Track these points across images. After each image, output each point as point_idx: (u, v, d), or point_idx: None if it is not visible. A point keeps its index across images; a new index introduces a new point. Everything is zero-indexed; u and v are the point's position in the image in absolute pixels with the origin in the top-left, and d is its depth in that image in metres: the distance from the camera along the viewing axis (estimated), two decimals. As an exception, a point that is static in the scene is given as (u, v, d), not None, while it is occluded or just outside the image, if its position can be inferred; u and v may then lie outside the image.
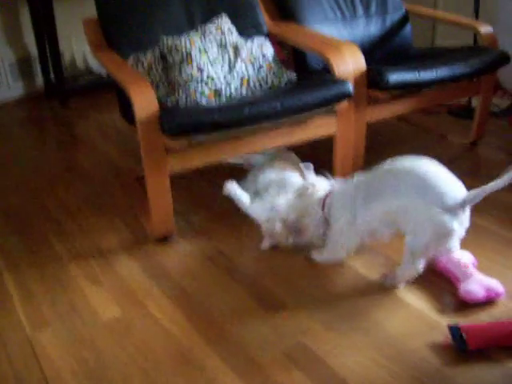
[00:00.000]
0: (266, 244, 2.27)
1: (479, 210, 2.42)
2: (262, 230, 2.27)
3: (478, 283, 1.92)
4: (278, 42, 2.94)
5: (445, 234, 1.86)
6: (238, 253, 2.27)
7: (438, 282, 2.03)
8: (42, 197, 2.77)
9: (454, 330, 1.73)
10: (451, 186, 1.87)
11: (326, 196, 2.13)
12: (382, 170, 2.02)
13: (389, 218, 1.97)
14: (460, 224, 1.86)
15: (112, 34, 2.63)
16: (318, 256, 2.18)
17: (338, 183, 2.17)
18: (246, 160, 2.63)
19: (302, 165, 2.20)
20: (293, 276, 2.11)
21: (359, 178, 2.09)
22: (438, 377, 1.64)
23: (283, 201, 2.25)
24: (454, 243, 1.93)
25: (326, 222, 2.13)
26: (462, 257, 2.04)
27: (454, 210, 1.83)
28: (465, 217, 1.87)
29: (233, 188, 2.36)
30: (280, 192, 2.30)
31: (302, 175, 2.33)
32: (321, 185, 2.18)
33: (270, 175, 2.41)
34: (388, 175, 1.98)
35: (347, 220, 2.05)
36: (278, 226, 2.19)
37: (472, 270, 1.97)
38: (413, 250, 1.92)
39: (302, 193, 2.20)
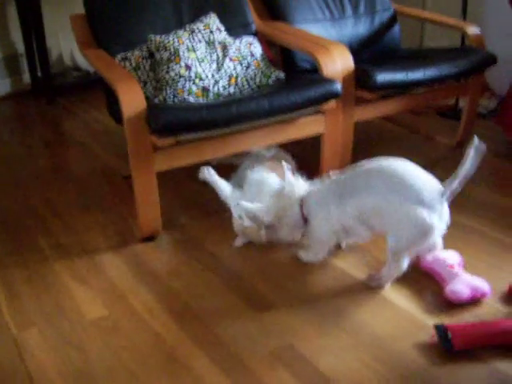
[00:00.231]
0: (238, 241, 2.28)
1: (466, 209, 2.45)
2: (234, 226, 2.27)
3: (463, 283, 1.92)
4: (266, 42, 2.94)
5: (425, 230, 1.86)
6: (226, 252, 2.26)
7: (425, 281, 2.04)
8: (28, 195, 2.75)
9: (440, 330, 1.73)
10: (426, 182, 1.88)
11: (305, 195, 2.14)
12: (357, 169, 2.03)
13: (363, 216, 1.98)
14: (440, 219, 1.87)
15: (100, 32, 2.62)
16: (303, 255, 2.18)
17: (316, 183, 2.17)
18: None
19: (283, 163, 2.19)
20: (281, 276, 2.11)
21: (335, 176, 2.10)
22: (424, 377, 1.64)
23: (259, 201, 2.24)
24: (436, 239, 1.95)
25: (305, 221, 2.13)
26: (448, 257, 2.04)
27: (432, 204, 1.84)
28: (444, 211, 1.88)
29: (209, 173, 2.35)
30: (259, 192, 2.29)
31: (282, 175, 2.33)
32: (299, 185, 2.18)
33: (256, 174, 2.39)
34: (363, 174, 1.99)
35: (324, 217, 2.06)
36: (248, 222, 2.19)
37: (458, 269, 1.98)
38: (395, 249, 1.93)
39: (280, 193, 2.19)
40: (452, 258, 2.05)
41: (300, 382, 1.64)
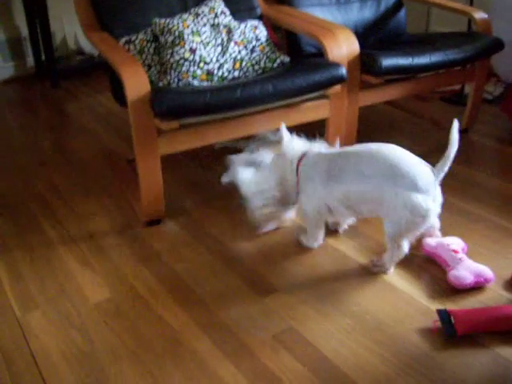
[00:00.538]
0: (265, 229, 2.28)
1: (470, 196, 2.44)
2: (256, 217, 2.27)
3: (467, 269, 1.92)
4: (271, 26, 2.92)
5: (422, 215, 1.86)
6: (230, 237, 2.26)
7: (428, 267, 2.04)
8: (32, 178, 2.75)
9: (443, 315, 1.73)
10: (419, 167, 1.87)
11: (300, 159, 2.11)
12: (348, 151, 2.02)
13: (348, 202, 1.99)
14: (434, 201, 1.87)
15: (104, 15, 2.60)
16: (304, 240, 2.19)
17: (315, 148, 2.13)
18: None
19: (282, 123, 2.16)
20: (283, 260, 2.11)
21: (331, 151, 2.08)
22: (427, 362, 1.64)
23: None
24: (433, 221, 1.95)
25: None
26: (451, 242, 2.04)
27: (426, 189, 1.84)
28: (437, 192, 1.88)
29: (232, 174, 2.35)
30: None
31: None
32: (298, 145, 2.15)
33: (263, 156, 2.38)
34: (352, 159, 1.97)
35: (311, 193, 2.06)
36: (270, 208, 2.19)
37: (462, 255, 1.98)
38: (393, 235, 1.93)
39: (279, 157, 2.17)
40: (456, 243, 2.05)
41: (302, 366, 1.64)
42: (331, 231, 2.26)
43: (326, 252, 2.15)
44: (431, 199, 1.85)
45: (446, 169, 1.87)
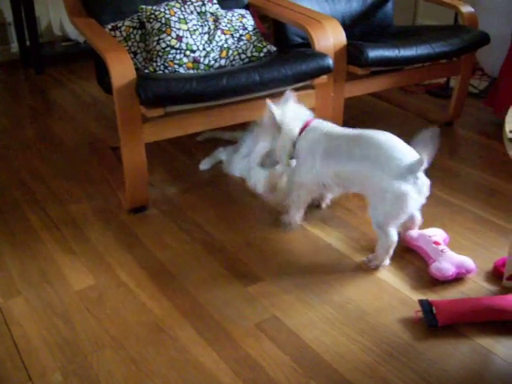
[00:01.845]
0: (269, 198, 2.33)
1: (453, 188, 2.46)
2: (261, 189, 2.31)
3: (449, 260, 1.94)
4: (258, 16, 2.91)
5: (401, 198, 1.87)
6: (214, 225, 2.26)
7: (410, 258, 2.05)
8: (15, 165, 2.73)
9: (425, 305, 1.75)
10: (405, 154, 1.89)
11: (301, 130, 2.12)
12: (344, 134, 2.05)
13: (339, 179, 2.03)
14: (417, 189, 1.87)
15: (90, 1, 2.59)
16: (285, 218, 2.22)
17: (314, 123, 2.14)
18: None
19: (287, 91, 2.15)
20: (268, 249, 2.12)
21: (329, 132, 2.09)
22: (408, 351, 1.66)
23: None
24: (415, 209, 1.97)
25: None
26: (434, 234, 2.06)
27: (405, 174, 1.85)
28: (422, 184, 1.89)
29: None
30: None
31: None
32: (300, 113, 2.16)
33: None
34: (346, 140, 2.02)
35: (309, 167, 2.08)
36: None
37: (443, 247, 2.00)
38: (377, 221, 1.95)
39: (283, 121, 2.15)
40: (438, 235, 2.06)
41: (285, 354, 1.65)
42: (316, 223, 2.26)
43: (310, 242, 2.16)
44: (413, 188, 1.86)
45: (430, 158, 1.87)
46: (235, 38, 2.51)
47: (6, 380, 1.58)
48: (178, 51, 2.37)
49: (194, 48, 2.41)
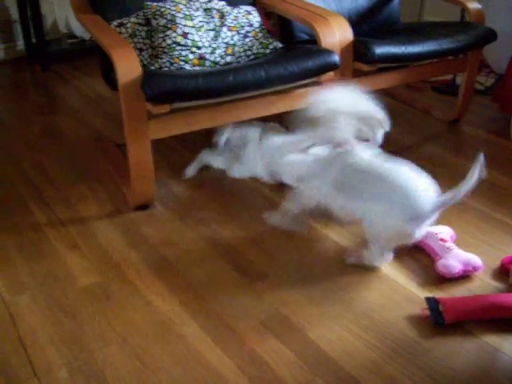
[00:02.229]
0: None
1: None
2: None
3: (455, 258, 1.93)
4: (264, 13, 2.90)
5: (405, 237, 1.87)
6: (220, 222, 2.26)
7: (417, 255, 2.05)
8: (21, 162, 2.73)
9: (432, 302, 1.74)
10: (422, 194, 1.81)
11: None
12: (362, 165, 1.94)
13: (345, 211, 1.98)
14: (422, 227, 1.85)
15: (96, -2, 2.58)
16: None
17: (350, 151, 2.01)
18: (241, 133, 2.57)
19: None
20: (273, 246, 2.11)
21: (344, 158, 1.99)
22: (414, 349, 1.65)
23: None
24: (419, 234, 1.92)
25: None
26: (440, 231, 2.05)
27: (420, 221, 1.82)
28: (430, 220, 1.86)
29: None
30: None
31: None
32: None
33: (278, 140, 2.39)
34: (364, 176, 1.91)
35: (313, 187, 2.05)
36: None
37: (450, 244, 1.99)
38: (372, 238, 1.92)
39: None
40: (445, 232, 2.05)
41: (290, 351, 1.65)
42: (321, 220, 2.26)
43: (317, 240, 2.15)
44: (421, 227, 1.84)
45: (453, 202, 1.80)
46: (241, 35, 2.51)
47: (12, 376, 1.58)
48: (184, 48, 2.37)
49: (200, 45, 2.40)
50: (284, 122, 2.27)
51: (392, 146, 2.24)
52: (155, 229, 2.22)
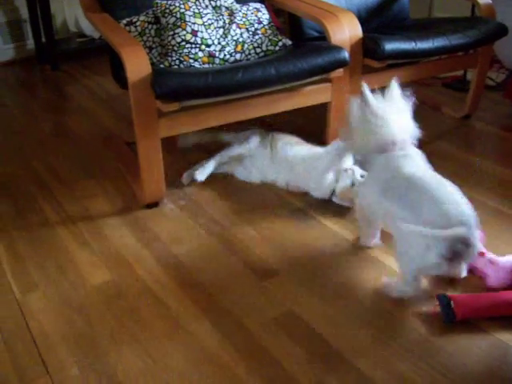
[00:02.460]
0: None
1: (471, 182, 2.44)
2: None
3: (502, 269, 1.84)
4: (273, 10, 2.90)
5: (433, 271, 1.77)
6: (230, 220, 2.26)
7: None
8: (31, 161, 2.74)
9: (443, 299, 1.73)
10: (459, 209, 1.69)
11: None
12: (409, 174, 1.81)
13: (387, 217, 1.87)
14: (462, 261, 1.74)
15: (105, -4, 2.59)
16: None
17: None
18: (229, 157, 2.57)
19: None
20: (284, 244, 2.11)
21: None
22: (425, 346, 1.64)
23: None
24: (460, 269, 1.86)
25: None
26: None
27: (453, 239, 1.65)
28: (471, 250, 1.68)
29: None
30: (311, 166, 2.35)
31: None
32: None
33: (301, 151, 2.43)
34: (410, 185, 1.78)
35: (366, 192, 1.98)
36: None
37: (491, 256, 1.89)
38: (399, 265, 1.83)
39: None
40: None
41: (302, 349, 1.64)
42: (332, 216, 2.25)
43: (327, 236, 2.15)
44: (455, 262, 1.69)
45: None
46: (250, 32, 2.50)
47: (24, 374, 1.59)
48: (194, 46, 2.37)
49: (210, 42, 2.40)
50: (340, 134, 2.24)
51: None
52: (166, 227, 2.22)
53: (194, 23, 2.39)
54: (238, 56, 2.46)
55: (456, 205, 1.69)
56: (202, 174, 2.46)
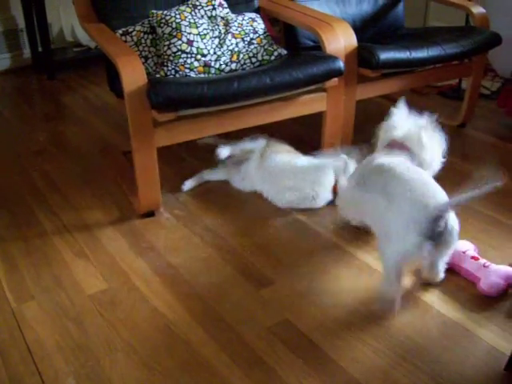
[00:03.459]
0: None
1: (466, 190, 2.44)
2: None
3: (495, 274, 1.86)
4: (269, 20, 2.91)
5: (415, 255, 1.74)
6: (226, 229, 2.26)
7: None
8: (27, 170, 2.74)
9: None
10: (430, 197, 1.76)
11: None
12: (380, 164, 1.95)
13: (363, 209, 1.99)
14: (438, 244, 1.72)
15: (101, 6, 2.59)
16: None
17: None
18: (241, 150, 2.57)
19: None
20: (279, 252, 2.11)
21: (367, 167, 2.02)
22: (422, 355, 1.65)
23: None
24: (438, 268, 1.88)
25: None
26: (467, 248, 1.98)
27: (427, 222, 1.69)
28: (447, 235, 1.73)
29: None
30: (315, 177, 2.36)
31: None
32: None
33: (283, 159, 2.43)
34: (380, 174, 1.91)
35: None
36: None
37: (484, 261, 1.91)
38: (382, 262, 1.86)
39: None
40: (470, 248, 1.99)
41: (297, 358, 1.64)
42: (329, 226, 2.26)
43: (323, 245, 2.15)
44: (429, 243, 1.70)
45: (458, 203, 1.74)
46: (246, 42, 2.52)
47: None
48: (189, 55, 2.38)
49: (205, 52, 2.41)
50: (371, 145, 2.25)
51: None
52: (162, 236, 2.22)
53: (190, 33, 2.40)
54: (233, 66, 2.47)
55: (430, 190, 1.78)
56: (211, 175, 2.55)
